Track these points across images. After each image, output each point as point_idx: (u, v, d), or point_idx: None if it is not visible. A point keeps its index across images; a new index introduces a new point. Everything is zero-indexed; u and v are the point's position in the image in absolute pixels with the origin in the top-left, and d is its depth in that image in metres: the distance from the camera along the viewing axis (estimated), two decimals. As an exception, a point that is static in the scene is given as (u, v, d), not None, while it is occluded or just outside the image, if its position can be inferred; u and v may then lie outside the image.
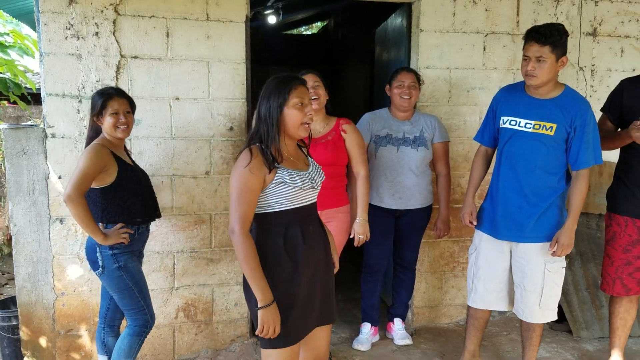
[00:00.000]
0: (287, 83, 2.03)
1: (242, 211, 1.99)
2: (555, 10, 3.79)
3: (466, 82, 3.67)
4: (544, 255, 2.72)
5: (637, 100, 2.80)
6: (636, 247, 2.85)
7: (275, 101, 2.02)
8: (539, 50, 2.55)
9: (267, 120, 2.02)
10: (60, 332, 3.24)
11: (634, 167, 2.82)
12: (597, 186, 3.77)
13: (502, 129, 2.77)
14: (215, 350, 3.45)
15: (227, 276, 3.42)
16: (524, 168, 2.69)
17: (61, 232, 3.15)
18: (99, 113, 2.58)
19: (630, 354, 3.37)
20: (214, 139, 3.28)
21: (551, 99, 2.67)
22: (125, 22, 3.09)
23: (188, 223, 3.31)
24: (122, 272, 2.59)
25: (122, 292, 2.62)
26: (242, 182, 1.98)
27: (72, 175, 2.46)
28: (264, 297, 1.98)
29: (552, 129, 2.63)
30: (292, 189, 2.05)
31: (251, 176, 1.98)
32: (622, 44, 3.93)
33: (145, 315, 2.68)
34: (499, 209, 2.78)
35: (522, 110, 2.70)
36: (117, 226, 2.58)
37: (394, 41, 4.09)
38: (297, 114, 2.03)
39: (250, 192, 1.99)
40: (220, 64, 3.24)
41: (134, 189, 2.67)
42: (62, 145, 3.08)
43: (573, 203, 2.68)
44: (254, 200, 2.02)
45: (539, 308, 2.77)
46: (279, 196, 2.05)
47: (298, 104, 2.02)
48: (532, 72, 2.58)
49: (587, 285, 3.78)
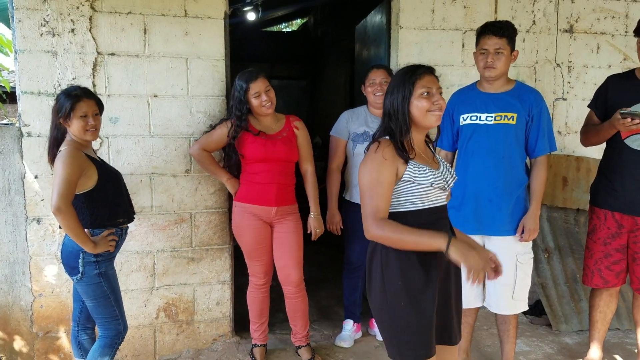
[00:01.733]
0: (413, 73, 1.94)
1: (375, 204, 1.87)
2: (533, 7, 3.84)
3: (445, 79, 3.69)
4: (515, 248, 2.77)
5: (622, 95, 2.85)
6: (615, 240, 2.89)
7: (400, 93, 1.92)
8: (498, 43, 2.66)
9: (395, 114, 1.93)
10: (39, 334, 3.19)
11: (614, 160, 2.87)
12: (574, 181, 3.82)
13: (464, 126, 2.82)
14: (197, 350, 3.43)
15: (208, 275, 3.40)
16: (493, 159, 2.73)
17: (38, 232, 3.10)
18: (67, 116, 2.45)
19: (608, 347, 3.42)
20: (193, 137, 3.25)
21: (506, 92, 2.76)
22: (102, 18, 3.05)
23: (168, 222, 3.28)
24: (102, 279, 2.51)
25: (98, 300, 2.52)
26: (374, 174, 1.88)
27: (55, 185, 2.33)
28: (439, 242, 1.81)
29: (513, 118, 2.70)
30: (424, 187, 1.93)
31: (384, 164, 1.87)
32: (598, 41, 3.99)
33: (118, 325, 2.59)
34: (469, 204, 2.80)
35: (480, 106, 2.77)
36: (104, 233, 2.49)
37: (374, 38, 4.09)
38: (425, 102, 1.92)
39: (382, 185, 1.87)
40: (199, 61, 3.21)
41: (116, 187, 2.61)
42: (39, 144, 3.02)
43: (534, 189, 2.77)
44: (387, 195, 1.89)
45: (512, 300, 2.81)
46: (410, 194, 1.94)
47: (424, 94, 1.92)
48: (491, 64, 2.67)
49: (565, 280, 3.83)
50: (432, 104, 1.92)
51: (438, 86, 1.97)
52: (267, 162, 3.02)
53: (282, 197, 3.07)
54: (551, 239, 3.90)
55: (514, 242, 2.77)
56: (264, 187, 3.03)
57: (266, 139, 3.02)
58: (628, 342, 3.54)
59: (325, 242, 3.94)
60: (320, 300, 4.30)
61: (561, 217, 3.95)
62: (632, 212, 2.83)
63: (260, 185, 3.04)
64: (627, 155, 2.80)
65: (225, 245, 3.40)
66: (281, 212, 3.07)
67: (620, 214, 2.86)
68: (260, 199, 3.04)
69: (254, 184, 3.05)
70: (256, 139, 3.01)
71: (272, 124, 3.09)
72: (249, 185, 3.07)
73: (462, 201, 2.82)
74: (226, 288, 3.44)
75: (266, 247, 3.13)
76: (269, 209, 3.04)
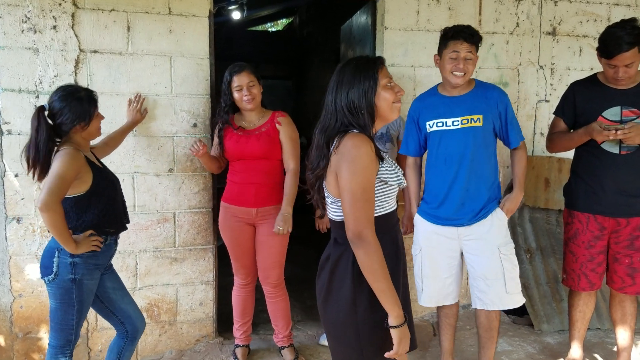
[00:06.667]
0: (374, 63, 1.83)
1: (367, 213, 1.70)
2: (516, 9, 3.87)
3: (430, 80, 3.70)
4: (496, 240, 2.75)
5: (590, 102, 2.87)
6: (598, 242, 2.92)
7: (364, 85, 1.78)
8: (469, 48, 2.66)
9: (358, 108, 1.78)
10: (19, 335, 3.14)
11: (592, 163, 2.88)
12: (556, 182, 3.85)
13: (431, 133, 2.80)
14: (180, 351, 3.40)
15: (191, 276, 3.37)
16: (462, 163, 2.71)
17: (18, 231, 3.05)
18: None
19: (589, 346, 3.46)
20: (177, 136, 3.23)
21: (468, 94, 2.76)
22: (85, 15, 3.02)
23: (151, 222, 3.25)
24: (74, 286, 2.37)
25: (61, 304, 2.40)
26: (368, 174, 1.71)
27: (47, 182, 2.24)
28: (399, 314, 1.70)
29: (479, 120, 2.70)
30: (393, 188, 1.82)
31: (374, 162, 1.74)
32: (580, 44, 4.03)
33: (70, 335, 2.45)
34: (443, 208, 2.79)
35: (445, 111, 2.76)
36: (86, 233, 2.38)
37: (359, 39, 4.10)
38: (390, 93, 1.81)
39: (372, 188, 1.73)
40: (183, 59, 3.19)
41: (110, 196, 2.50)
42: (19, 142, 2.98)
43: (517, 174, 2.82)
44: (374, 197, 1.76)
45: (507, 294, 2.76)
46: (382, 196, 1.81)
47: (388, 84, 1.82)
48: (463, 70, 2.66)
49: (547, 280, 3.86)
50: (396, 94, 1.83)
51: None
52: (243, 161, 2.99)
53: (263, 198, 3.00)
54: (533, 239, 3.94)
55: (492, 232, 2.75)
56: (243, 187, 3.00)
57: (242, 134, 2.99)
58: (608, 341, 3.58)
59: (310, 242, 3.93)
60: (304, 301, 4.29)
61: (543, 217, 3.99)
62: (614, 214, 2.85)
63: (239, 185, 3.02)
64: (606, 158, 2.82)
65: (209, 245, 3.38)
66: (263, 213, 3.01)
67: (602, 216, 2.88)
68: (239, 200, 3.02)
69: (234, 183, 3.04)
70: (233, 135, 2.99)
71: (255, 120, 3.05)
72: (230, 185, 3.07)
73: (437, 206, 2.81)
74: (209, 288, 3.42)
75: (247, 248, 3.10)
76: (249, 210, 3.01)
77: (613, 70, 2.72)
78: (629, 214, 2.83)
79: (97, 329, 3.24)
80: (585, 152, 2.91)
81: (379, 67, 1.82)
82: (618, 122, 2.76)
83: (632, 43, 2.61)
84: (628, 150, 2.77)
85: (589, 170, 2.90)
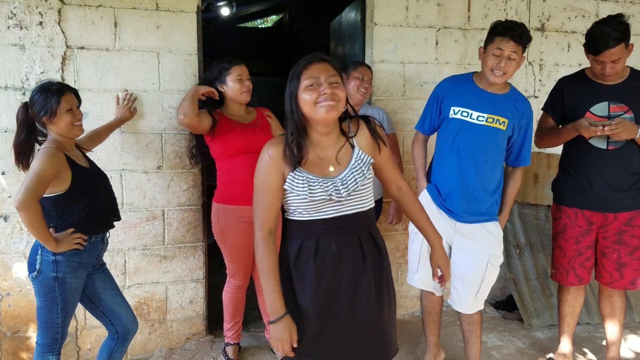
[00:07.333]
0: (299, 64, 1.76)
1: (260, 212, 1.78)
2: (505, 5, 3.87)
3: (419, 77, 3.70)
4: (490, 249, 2.75)
5: (578, 98, 2.88)
6: (586, 237, 2.93)
7: (288, 90, 1.75)
8: (515, 48, 2.55)
9: (289, 113, 1.76)
10: (7, 334, 3.11)
11: (580, 159, 2.89)
12: (545, 178, 3.87)
13: (452, 119, 2.72)
14: (170, 349, 3.39)
15: (181, 273, 3.35)
16: (476, 161, 2.68)
17: (5, 230, 3.02)
18: (54, 113, 2.31)
19: (578, 341, 3.48)
20: (165, 132, 3.21)
21: (503, 95, 2.70)
22: (71, 11, 2.98)
23: (139, 219, 3.23)
24: (57, 284, 2.35)
25: (45, 302, 2.39)
26: (260, 178, 1.78)
27: (25, 180, 2.21)
28: (273, 310, 1.76)
29: (504, 124, 2.65)
30: (301, 198, 1.77)
31: (270, 163, 1.76)
32: (569, 39, 4.05)
33: (56, 333, 2.44)
34: (450, 199, 2.77)
35: (474, 102, 2.68)
36: (68, 231, 2.35)
37: (349, 35, 4.09)
38: (309, 94, 1.71)
39: (268, 190, 1.78)
40: (171, 55, 3.16)
41: (93, 195, 2.45)
42: (5, 139, 2.95)
43: (509, 195, 2.83)
44: (273, 200, 1.79)
45: (475, 299, 2.80)
46: (296, 204, 1.80)
47: (310, 85, 1.71)
48: (504, 69, 2.57)
49: (537, 275, 3.88)
50: (319, 94, 1.70)
51: (332, 74, 1.74)
52: (247, 154, 2.87)
53: None
54: (522, 235, 3.95)
55: (489, 240, 2.75)
56: (248, 185, 2.94)
57: (245, 127, 2.95)
58: (598, 336, 3.61)
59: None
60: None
61: (532, 213, 4.01)
62: (602, 209, 2.87)
63: (243, 184, 2.87)
64: (594, 154, 2.83)
65: (199, 243, 3.36)
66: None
67: (590, 211, 2.90)
68: (245, 199, 2.84)
69: (235, 184, 2.92)
70: (234, 127, 2.92)
71: (245, 115, 3.04)
72: (230, 186, 2.94)
73: (444, 197, 2.78)
74: (200, 286, 3.40)
75: (251, 249, 3.06)
76: None
77: (600, 66, 2.73)
78: (616, 209, 2.85)
79: (87, 327, 3.22)
80: (573, 147, 2.92)
81: (304, 67, 1.74)
82: (606, 117, 2.77)
83: (618, 39, 2.61)
84: (615, 145, 2.79)
85: (577, 165, 2.92)
